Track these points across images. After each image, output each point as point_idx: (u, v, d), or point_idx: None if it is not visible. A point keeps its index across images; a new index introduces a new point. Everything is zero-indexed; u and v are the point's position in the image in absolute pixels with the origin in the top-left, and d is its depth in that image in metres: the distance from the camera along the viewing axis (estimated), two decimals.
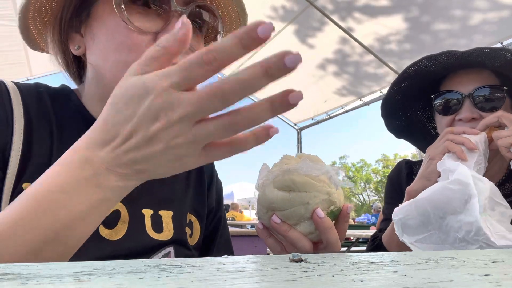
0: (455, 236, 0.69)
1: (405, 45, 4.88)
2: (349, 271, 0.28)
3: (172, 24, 0.59)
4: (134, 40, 0.58)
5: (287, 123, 7.80)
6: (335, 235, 0.56)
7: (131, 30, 0.58)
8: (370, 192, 43.50)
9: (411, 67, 1.03)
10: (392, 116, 1.15)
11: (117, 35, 0.59)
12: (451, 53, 0.96)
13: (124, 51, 0.59)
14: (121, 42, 0.59)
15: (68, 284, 0.22)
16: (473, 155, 0.81)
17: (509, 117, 0.83)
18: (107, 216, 0.60)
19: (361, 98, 6.23)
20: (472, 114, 0.94)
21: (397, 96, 1.10)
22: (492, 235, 0.64)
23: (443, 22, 4.26)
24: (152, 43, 0.58)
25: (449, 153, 0.84)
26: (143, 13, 0.60)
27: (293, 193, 0.54)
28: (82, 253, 0.57)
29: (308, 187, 0.54)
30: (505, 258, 0.37)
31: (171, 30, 0.58)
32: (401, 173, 1.18)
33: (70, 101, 0.69)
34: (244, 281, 0.24)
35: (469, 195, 0.67)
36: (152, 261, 0.32)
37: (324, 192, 0.55)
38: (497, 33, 4.08)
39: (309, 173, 0.55)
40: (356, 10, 4.60)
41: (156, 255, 0.66)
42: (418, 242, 0.74)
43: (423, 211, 0.72)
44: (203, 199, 0.81)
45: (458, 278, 0.26)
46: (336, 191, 0.57)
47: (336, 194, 0.57)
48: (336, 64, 5.67)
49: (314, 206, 0.54)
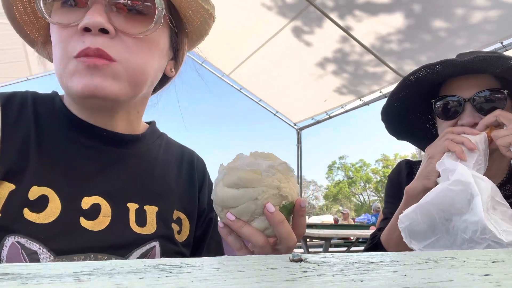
0: (463, 237, 0.68)
1: (406, 44, 4.88)
2: (349, 271, 0.28)
3: (90, 11, 0.60)
4: (61, 35, 0.62)
5: (286, 123, 7.81)
6: (287, 229, 0.56)
7: (59, 26, 0.62)
8: (370, 192, 43.53)
9: (410, 76, 1.02)
10: (393, 120, 1.15)
11: (53, 34, 0.64)
12: (450, 62, 0.95)
13: (56, 47, 0.63)
14: (54, 39, 0.63)
15: (68, 284, 0.22)
16: (472, 155, 0.81)
17: (506, 116, 0.83)
18: (87, 208, 0.63)
19: (361, 98, 6.23)
20: (474, 119, 0.93)
21: (397, 103, 1.10)
22: (499, 232, 0.64)
23: (444, 21, 4.26)
24: (77, 35, 0.60)
25: (449, 153, 0.84)
26: (65, 7, 0.62)
27: (242, 190, 0.55)
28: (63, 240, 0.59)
29: (255, 182, 0.55)
30: (505, 258, 0.37)
31: (87, 16, 0.59)
32: (401, 173, 1.18)
33: (54, 104, 0.71)
34: (244, 281, 0.24)
35: (471, 195, 0.67)
36: (152, 261, 0.32)
37: (273, 186, 0.55)
38: (498, 32, 4.08)
39: (256, 169, 0.55)
40: (356, 8, 4.60)
41: (140, 249, 0.67)
42: (426, 247, 0.73)
43: (428, 215, 0.71)
44: (193, 198, 0.81)
45: (458, 278, 0.26)
46: (288, 185, 0.57)
47: (288, 188, 0.56)
48: (335, 63, 5.67)
49: (263, 201, 0.54)
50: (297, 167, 8.30)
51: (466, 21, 4.15)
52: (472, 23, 4.14)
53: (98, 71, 0.60)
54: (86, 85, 0.59)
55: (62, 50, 0.61)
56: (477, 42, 4.29)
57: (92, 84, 0.60)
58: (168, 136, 0.87)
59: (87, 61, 0.59)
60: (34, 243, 0.57)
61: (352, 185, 44.46)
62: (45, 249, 0.58)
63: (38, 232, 0.58)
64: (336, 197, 44.89)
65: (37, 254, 0.57)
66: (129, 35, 0.63)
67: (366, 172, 43.64)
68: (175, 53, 0.76)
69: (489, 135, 0.85)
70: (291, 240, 0.57)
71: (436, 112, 1.02)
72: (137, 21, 0.64)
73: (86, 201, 0.64)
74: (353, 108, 6.57)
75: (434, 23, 4.37)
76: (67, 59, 0.61)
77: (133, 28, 0.64)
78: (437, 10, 4.21)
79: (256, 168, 0.55)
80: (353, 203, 44.54)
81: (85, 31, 0.60)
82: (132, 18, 0.64)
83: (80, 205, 0.63)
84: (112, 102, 0.65)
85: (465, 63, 0.93)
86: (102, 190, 0.66)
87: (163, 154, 0.81)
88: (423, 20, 4.41)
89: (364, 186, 44.03)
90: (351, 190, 44.70)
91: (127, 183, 0.70)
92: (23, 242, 0.57)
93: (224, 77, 6.92)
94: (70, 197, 0.63)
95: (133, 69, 0.64)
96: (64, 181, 0.63)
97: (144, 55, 0.65)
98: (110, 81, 0.61)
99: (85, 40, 0.60)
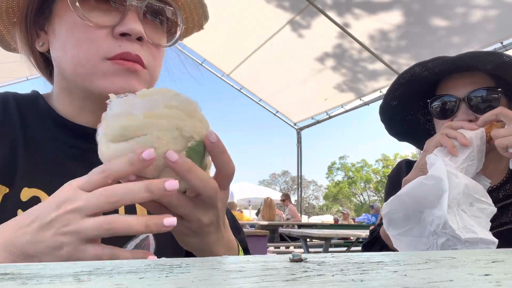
0: (429, 229, 0.72)
1: (406, 43, 4.88)
2: (349, 271, 0.28)
3: (128, 17, 0.61)
4: (91, 35, 0.61)
5: (286, 123, 7.81)
6: (199, 176, 0.46)
7: (88, 25, 0.60)
8: (370, 192, 43.52)
9: (404, 74, 1.04)
10: (392, 120, 1.16)
11: (75, 31, 0.62)
12: (442, 58, 0.97)
13: (82, 46, 0.61)
14: (79, 37, 0.61)
15: (68, 284, 0.22)
16: (464, 151, 0.81)
17: (508, 115, 0.82)
18: None
19: (361, 98, 6.24)
20: (468, 116, 0.94)
21: (393, 102, 1.11)
22: (459, 228, 0.66)
23: (444, 20, 4.26)
24: (110, 37, 0.61)
25: (441, 147, 0.84)
26: (99, 8, 0.62)
27: (132, 141, 0.44)
28: None
29: (146, 128, 0.44)
30: (505, 258, 0.37)
31: (127, 22, 0.60)
32: (400, 173, 1.18)
33: (37, 104, 0.71)
34: (244, 281, 0.24)
35: (442, 190, 0.70)
36: (152, 261, 0.32)
37: (171, 128, 0.44)
38: (498, 32, 4.08)
39: (144, 111, 0.44)
40: (355, 5, 4.60)
41: (133, 240, 0.67)
42: (400, 235, 0.77)
43: (403, 205, 0.75)
44: None
45: (458, 278, 0.26)
46: (191, 122, 0.46)
47: (191, 126, 0.46)
48: (335, 61, 5.67)
49: (163, 149, 0.44)
50: (297, 167, 8.31)
51: (466, 21, 4.16)
52: (472, 22, 4.14)
53: (135, 75, 0.63)
54: (122, 86, 0.61)
55: (91, 50, 0.61)
56: (477, 42, 4.29)
57: (128, 85, 0.62)
58: None
59: (128, 64, 0.61)
60: None
61: (352, 185, 44.47)
62: None
63: None
64: (336, 197, 44.90)
65: None
66: (155, 45, 0.67)
67: (367, 172, 43.65)
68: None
69: (488, 131, 0.85)
70: (209, 188, 0.47)
71: (432, 112, 1.03)
72: (160, 32, 0.69)
73: None
74: (353, 108, 6.58)
75: (434, 22, 4.37)
76: (98, 60, 0.61)
77: (159, 38, 0.68)
78: (437, 9, 4.21)
79: (144, 110, 0.44)
80: (353, 203, 44.55)
81: (121, 36, 0.61)
82: (156, 28, 0.68)
83: None
84: None
85: (455, 59, 0.94)
86: None
87: None
88: (423, 18, 4.41)
89: (364, 186, 44.04)
90: (351, 190, 44.70)
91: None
92: None
93: (224, 77, 6.92)
94: None
95: (155, 77, 0.69)
96: (53, 182, 0.63)
97: (160, 64, 0.70)
98: (142, 85, 0.64)
99: (122, 45, 0.61)
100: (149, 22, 0.66)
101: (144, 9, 0.64)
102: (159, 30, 0.69)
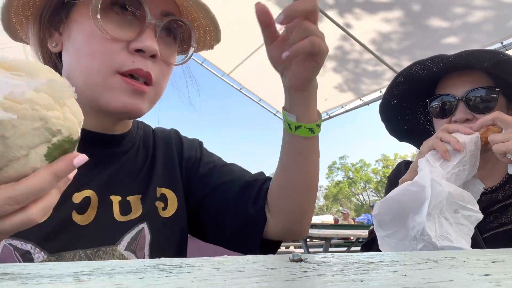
0: (411, 234, 0.74)
1: (405, 42, 4.88)
2: (349, 271, 0.28)
3: (145, 34, 0.62)
4: (106, 47, 0.61)
5: None
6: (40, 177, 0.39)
7: (105, 37, 0.61)
8: (370, 192, 43.51)
9: (402, 72, 1.05)
10: (392, 120, 1.16)
11: (92, 41, 0.62)
12: (440, 57, 0.97)
13: (96, 57, 0.62)
14: (94, 48, 0.62)
15: (68, 284, 0.22)
16: (457, 156, 0.81)
17: (504, 120, 0.81)
18: (79, 202, 0.64)
19: (361, 98, 6.23)
20: (466, 115, 0.95)
21: (393, 100, 1.11)
22: (436, 236, 0.69)
23: (444, 20, 4.26)
24: (124, 51, 0.61)
25: (434, 151, 0.84)
26: (118, 21, 0.63)
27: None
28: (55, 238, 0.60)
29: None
30: (505, 258, 0.37)
31: (144, 39, 0.61)
32: (400, 174, 1.17)
33: None
34: (244, 281, 0.24)
35: (424, 197, 0.72)
36: (152, 261, 0.32)
37: (33, 116, 0.37)
38: (498, 32, 4.08)
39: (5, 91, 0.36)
40: (355, 6, 4.60)
41: (129, 233, 0.68)
42: (386, 236, 0.79)
43: (390, 208, 0.77)
44: (173, 167, 0.81)
45: (458, 278, 0.26)
46: (61, 113, 0.39)
47: (60, 118, 0.39)
48: (335, 61, 5.67)
49: (17, 141, 0.37)
50: None
51: (466, 21, 4.16)
52: (472, 22, 4.14)
53: (141, 95, 0.64)
54: (126, 106, 0.63)
55: (104, 63, 0.61)
56: (477, 42, 4.29)
57: (131, 105, 0.63)
58: (144, 123, 0.88)
59: (135, 84, 0.63)
60: (27, 243, 0.58)
61: (352, 185, 44.47)
62: (38, 248, 0.58)
63: (30, 232, 0.58)
64: (336, 197, 44.90)
65: (31, 254, 0.58)
66: (166, 63, 0.68)
67: (366, 172, 43.65)
68: None
69: (484, 136, 0.84)
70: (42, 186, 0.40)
71: (431, 111, 1.04)
72: (172, 49, 0.70)
73: (77, 196, 0.64)
74: (353, 108, 6.58)
75: (434, 23, 4.37)
76: (109, 73, 0.61)
77: (172, 57, 0.70)
78: (436, 10, 4.21)
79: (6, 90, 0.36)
80: (353, 203, 44.54)
81: (136, 52, 0.62)
82: (169, 46, 0.69)
83: (72, 200, 0.64)
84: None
85: (452, 57, 0.95)
86: (90, 186, 0.67)
87: (143, 143, 0.81)
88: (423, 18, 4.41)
89: (364, 186, 44.04)
90: (351, 190, 44.69)
91: (110, 176, 0.70)
92: (15, 243, 0.57)
93: (224, 77, 6.92)
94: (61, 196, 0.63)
95: (160, 93, 0.70)
96: None
97: (167, 80, 0.71)
98: (145, 104, 0.66)
99: (135, 61, 0.62)
100: (163, 39, 0.68)
101: (163, 26, 0.65)
102: (172, 47, 0.70)
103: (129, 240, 0.67)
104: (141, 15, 0.63)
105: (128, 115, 0.67)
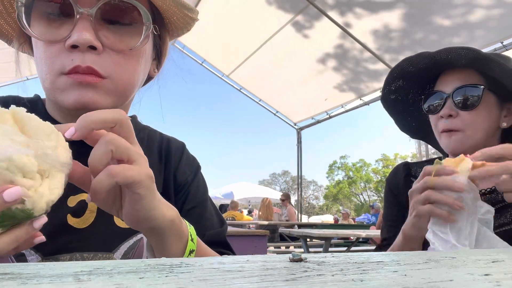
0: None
1: (405, 42, 4.88)
2: (349, 271, 0.28)
3: (76, 27, 0.59)
4: (47, 52, 0.60)
5: (287, 122, 7.80)
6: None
7: (45, 42, 0.60)
8: (370, 192, 43.50)
9: (395, 68, 1.07)
10: (398, 115, 1.17)
11: (37, 48, 0.62)
12: (424, 54, 1.01)
13: (43, 63, 0.61)
14: (38, 54, 0.62)
15: (68, 284, 0.22)
16: (462, 213, 0.74)
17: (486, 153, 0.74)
18: (74, 205, 0.63)
19: (361, 98, 6.24)
20: (450, 111, 0.97)
21: (391, 95, 1.13)
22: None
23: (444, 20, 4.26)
24: (64, 51, 0.59)
25: (434, 218, 0.77)
26: (50, 23, 0.60)
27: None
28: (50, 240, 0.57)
29: None
30: (505, 258, 0.37)
31: (74, 33, 0.58)
32: (398, 176, 1.17)
33: (37, 108, 0.71)
34: (244, 281, 0.24)
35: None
36: (152, 261, 0.32)
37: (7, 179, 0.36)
38: (498, 32, 4.08)
39: None
40: (355, 5, 4.60)
41: (127, 242, 0.67)
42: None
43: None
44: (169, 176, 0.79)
45: (458, 278, 0.26)
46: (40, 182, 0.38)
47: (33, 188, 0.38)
48: (335, 61, 5.68)
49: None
50: (297, 167, 8.30)
51: (466, 20, 4.16)
52: (472, 22, 4.14)
53: (90, 87, 0.60)
54: (78, 100, 0.60)
55: (49, 67, 0.60)
56: (478, 41, 4.29)
57: (83, 98, 0.60)
58: (151, 128, 0.86)
59: (79, 77, 0.59)
60: None
61: (352, 185, 44.46)
62: (32, 250, 0.58)
63: None
64: (336, 197, 44.89)
65: (25, 256, 0.58)
66: (118, 51, 0.63)
67: (367, 172, 43.64)
68: (157, 53, 0.76)
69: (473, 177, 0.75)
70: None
71: (424, 107, 1.06)
72: (124, 35, 0.64)
73: (72, 200, 0.64)
74: (353, 108, 6.58)
75: (434, 22, 4.37)
76: (55, 76, 0.60)
77: (121, 43, 0.63)
78: (437, 9, 4.21)
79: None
80: (353, 203, 44.53)
81: (73, 48, 0.59)
82: (119, 32, 0.63)
83: (66, 203, 0.63)
84: None
85: (433, 54, 0.98)
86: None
87: (146, 147, 0.80)
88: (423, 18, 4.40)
89: (364, 186, 44.03)
90: (351, 190, 44.68)
91: None
92: None
93: (224, 77, 6.92)
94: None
95: (122, 84, 0.65)
96: None
97: (132, 67, 0.66)
98: (102, 96, 0.62)
99: (74, 58, 0.59)
100: (105, 27, 0.62)
101: (100, 14, 0.60)
102: (121, 32, 0.63)
103: (126, 249, 0.66)
104: (70, 9, 0.59)
105: (86, 109, 0.57)
